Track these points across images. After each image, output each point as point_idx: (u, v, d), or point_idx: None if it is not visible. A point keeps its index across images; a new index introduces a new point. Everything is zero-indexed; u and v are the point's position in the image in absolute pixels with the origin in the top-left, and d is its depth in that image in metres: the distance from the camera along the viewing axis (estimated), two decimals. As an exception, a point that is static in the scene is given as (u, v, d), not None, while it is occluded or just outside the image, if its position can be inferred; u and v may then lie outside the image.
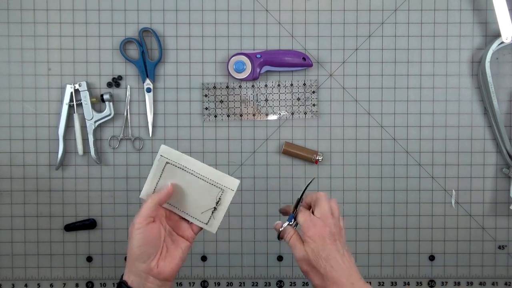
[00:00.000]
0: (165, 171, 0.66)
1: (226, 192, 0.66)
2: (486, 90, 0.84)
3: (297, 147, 0.86)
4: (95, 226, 0.87)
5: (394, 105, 0.87)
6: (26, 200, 0.87)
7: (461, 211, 0.88)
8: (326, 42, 0.86)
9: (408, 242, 0.88)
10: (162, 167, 0.66)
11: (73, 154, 0.87)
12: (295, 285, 0.89)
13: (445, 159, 0.87)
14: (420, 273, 0.88)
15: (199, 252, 0.88)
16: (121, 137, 0.86)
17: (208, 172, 0.65)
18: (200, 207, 0.66)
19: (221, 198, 0.66)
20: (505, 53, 0.86)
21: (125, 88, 0.86)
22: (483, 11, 0.86)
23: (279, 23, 0.86)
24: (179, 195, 0.66)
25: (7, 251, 0.87)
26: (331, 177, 0.87)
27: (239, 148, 0.87)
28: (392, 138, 0.87)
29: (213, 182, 0.66)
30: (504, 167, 0.87)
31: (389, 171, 0.87)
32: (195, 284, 0.88)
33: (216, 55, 0.86)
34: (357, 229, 0.88)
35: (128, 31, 0.86)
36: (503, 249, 0.88)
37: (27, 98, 0.86)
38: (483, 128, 0.87)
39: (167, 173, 0.66)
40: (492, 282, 0.88)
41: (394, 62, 0.87)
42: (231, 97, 0.87)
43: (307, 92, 0.87)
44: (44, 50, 0.86)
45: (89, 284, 0.88)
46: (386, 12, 0.86)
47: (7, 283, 0.87)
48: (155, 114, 0.87)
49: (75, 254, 0.88)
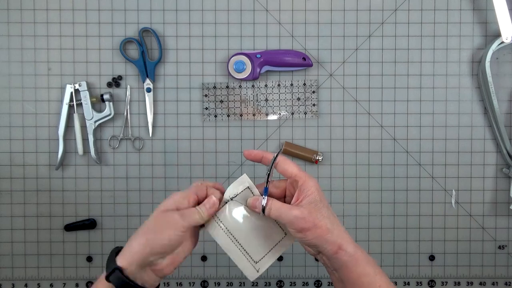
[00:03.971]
0: (242, 194, 0.60)
1: (289, 237, 0.60)
2: (486, 90, 0.84)
3: (297, 147, 0.86)
4: (95, 226, 0.87)
5: (394, 105, 0.87)
6: (26, 200, 0.87)
7: (461, 211, 0.88)
8: (326, 42, 0.86)
9: (408, 242, 0.88)
10: (241, 189, 0.60)
11: (73, 154, 0.87)
12: (295, 285, 0.89)
13: (445, 159, 0.87)
14: (420, 273, 0.88)
15: (199, 252, 0.88)
16: (121, 137, 0.86)
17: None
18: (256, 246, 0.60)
19: (280, 242, 0.60)
20: (505, 53, 0.86)
21: (125, 88, 0.86)
22: (483, 11, 0.86)
23: (279, 23, 0.86)
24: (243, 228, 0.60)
25: (7, 251, 0.87)
26: (331, 177, 0.87)
27: (239, 148, 0.87)
28: (392, 138, 0.87)
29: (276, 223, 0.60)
30: (504, 167, 0.87)
31: (389, 171, 0.87)
32: (195, 284, 0.88)
33: (216, 55, 0.86)
34: (357, 229, 0.88)
35: (128, 31, 0.86)
36: (503, 249, 0.88)
37: (27, 98, 0.86)
38: (483, 128, 0.87)
39: (241, 197, 0.60)
40: (492, 282, 0.88)
41: (394, 62, 0.87)
42: (231, 97, 0.87)
43: (307, 92, 0.87)
44: (44, 50, 0.86)
45: (89, 284, 0.88)
46: (386, 12, 0.86)
47: (7, 283, 0.87)
48: (155, 114, 0.87)
49: (75, 254, 0.88)
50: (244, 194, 0.60)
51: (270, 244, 0.60)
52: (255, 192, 0.60)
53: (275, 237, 0.60)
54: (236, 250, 0.59)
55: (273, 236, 0.60)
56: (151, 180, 0.87)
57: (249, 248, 0.60)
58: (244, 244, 0.60)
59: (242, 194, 0.60)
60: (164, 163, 0.87)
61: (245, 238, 0.60)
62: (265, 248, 0.60)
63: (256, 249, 0.60)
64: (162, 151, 0.87)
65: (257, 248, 0.60)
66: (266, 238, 0.60)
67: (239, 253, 0.60)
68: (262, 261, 0.60)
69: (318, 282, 0.89)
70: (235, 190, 0.60)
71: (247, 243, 0.60)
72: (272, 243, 0.60)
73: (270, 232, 0.60)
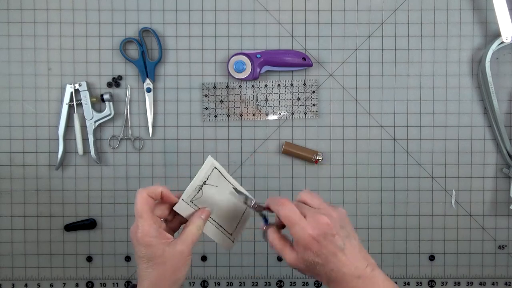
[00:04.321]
0: (211, 177, 0.63)
1: (248, 210, 0.65)
2: (486, 90, 0.84)
3: (297, 147, 0.86)
4: (95, 226, 0.87)
5: (394, 105, 0.87)
6: (26, 200, 0.87)
7: (461, 211, 0.88)
8: (326, 42, 0.86)
9: (408, 242, 0.88)
10: (209, 172, 0.63)
11: (73, 154, 0.87)
12: (295, 285, 0.89)
13: (445, 159, 0.87)
14: (420, 273, 0.88)
15: (199, 252, 0.88)
16: (121, 137, 0.86)
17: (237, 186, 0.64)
18: (229, 220, 0.64)
19: (244, 214, 0.65)
20: (505, 53, 0.86)
21: (125, 88, 0.86)
22: (483, 11, 0.86)
23: (279, 23, 0.86)
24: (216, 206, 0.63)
25: (7, 251, 0.87)
26: (331, 177, 0.87)
27: (239, 148, 0.87)
28: (392, 138, 0.87)
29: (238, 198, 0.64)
30: (504, 167, 0.87)
31: (389, 171, 0.87)
32: (195, 284, 0.88)
33: (216, 55, 0.86)
34: (357, 229, 0.88)
35: (128, 31, 0.86)
36: (503, 249, 0.88)
37: (27, 98, 0.86)
38: (483, 128, 0.87)
39: (213, 179, 0.63)
40: (492, 282, 0.88)
41: (394, 62, 0.87)
42: (231, 97, 0.87)
43: (307, 92, 0.87)
44: (44, 50, 0.86)
45: (89, 284, 0.88)
46: (386, 12, 0.86)
47: (7, 283, 0.87)
48: (155, 114, 0.87)
49: (75, 254, 0.88)
50: (214, 174, 0.63)
51: (238, 215, 0.65)
52: (223, 171, 0.63)
53: (240, 211, 0.65)
54: (213, 227, 0.63)
55: (239, 210, 0.65)
56: (151, 180, 0.87)
57: (224, 223, 0.64)
58: (219, 221, 0.64)
59: (212, 175, 0.63)
60: (164, 163, 0.87)
61: (220, 216, 0.64)
62: (235, 220, 0.65)
63: (229, 223, 0.64)
64: (162, 151, 0.87)
65: (230, 222, 0.64)
66: (235, 211, 0.64)
67: (215, 229, 0.64)
68: (234, 233, 0.65)
69: (318, 282, 0.89)
70: (205, 174, 0.63)
71: (222, 220, 0.64)
72: (239, 214, 0.65)
73: (236, 208, 0.64)
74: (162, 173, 0.87)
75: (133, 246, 0.57)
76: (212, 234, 0.63)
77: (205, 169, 0.62)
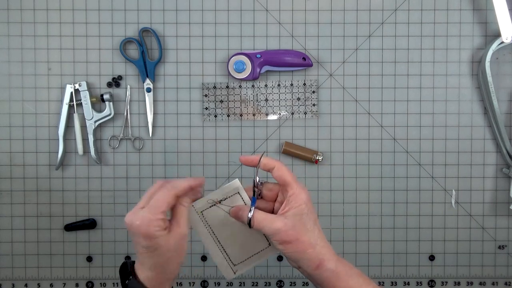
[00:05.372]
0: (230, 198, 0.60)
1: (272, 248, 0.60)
2: (486, 90, 0.84)
3: (297, 147, 0.86)
4: (95, 226, 0.87)
5: (394, 105, 0.87)
6: (26, 200, 0.87)
7: (461, 211, 0.88)
8: (326, 42, 0.86)
9: (408, 242, 0.88)
10: (230, 194, 0.60)
11: (73, 154, 0.87)
12: (295, 285, 0.89)
13: (445, 159, 0.87)
14: (420, 273, 0.88)
15: (199, 252, 0.88)
16: (121, 137, 0.86)
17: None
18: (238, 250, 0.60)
19: (263, 251, 0.60)
20: (505, 53, 0.86)
21: (125, 88, 0.86)
22: (483, 11, 0.86)
23: (279, 23, 0.86)
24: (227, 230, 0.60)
25: (7, 251, 0.87)
26: (331, 177, 0.87)
27: (239, 148, 0.87)
28: (392, 138, 0.87)
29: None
30: (504, 167, 0.87)
31: (389, 171, 0.87)
32: (195, 284, 0.88)
33: (216, 55, 0.86)
34: (357, 229, 0.88)
35: (128, 31, 0.86)
36: (503, 249, 0.88)
37: (27, 98, 0.86)
38: (483, 128, 0.87)
39: (231, 201, 0.60)
40: (492, 282, 0.88)
41: (394, 62, 0.87)
42: (231, 97, 0.87)
43: (307, 92, 0.87)
44: (44, 50, 0.86)
45: (89, 284, 0.88)
46: (386, 12, 0.86)
47: (7, 283, 0.87)
48: (155, 114, 0.87)
49: (75, 254, 0.88)
50: (233, 199, 0.60)
51: (252, 251, 0.60)
52: (245, 197, 0.60)
53: (258, 246, 0.60)
54: (215, 248, 0.60)
55: (256, 244, 0.60)
56: (151, 180, 0.87)
57: (229, 250, 0.60)
58: (225, 245, 0.60)
59: (231, 198, 0.60)
60: (164, 163, 0.87)
61: (226, 241, 0.60)
62: (245, 254, 0.60)
63: (236, 253, 0.60)
64: (162, 151, 0.87)
65: (237, 252, 0.60)
66: (248, 245, 0.60)
67: (218, 251, 0.60)
68: (240, 265, 0.60)
69: (318, 282, 0.89)
70: (225, 193, 0.60)
71: (228, 246, 0.60)
72: (253, 251, 0.60)
73: (253, 240, 0.60)
74: (162, 173, 0.87)
75: (131, 235, 0.55)
76: (214, 255, 0.60)
77: (227, 189, 0.60)
